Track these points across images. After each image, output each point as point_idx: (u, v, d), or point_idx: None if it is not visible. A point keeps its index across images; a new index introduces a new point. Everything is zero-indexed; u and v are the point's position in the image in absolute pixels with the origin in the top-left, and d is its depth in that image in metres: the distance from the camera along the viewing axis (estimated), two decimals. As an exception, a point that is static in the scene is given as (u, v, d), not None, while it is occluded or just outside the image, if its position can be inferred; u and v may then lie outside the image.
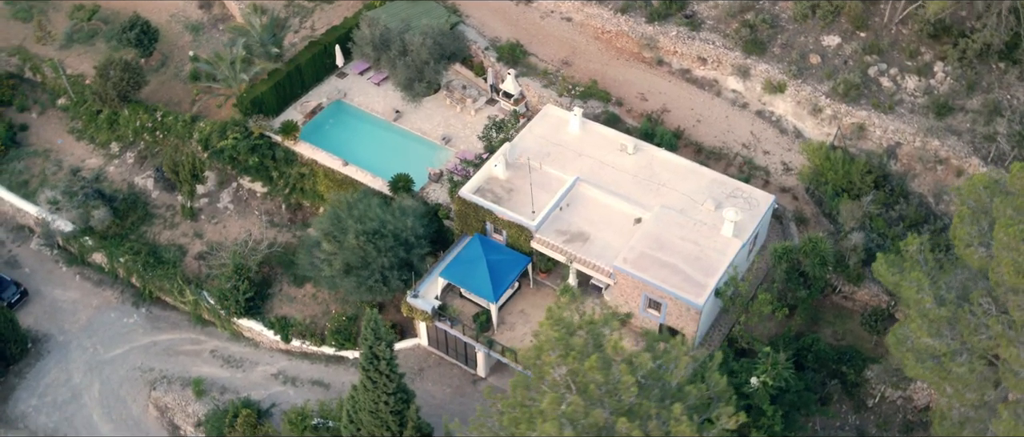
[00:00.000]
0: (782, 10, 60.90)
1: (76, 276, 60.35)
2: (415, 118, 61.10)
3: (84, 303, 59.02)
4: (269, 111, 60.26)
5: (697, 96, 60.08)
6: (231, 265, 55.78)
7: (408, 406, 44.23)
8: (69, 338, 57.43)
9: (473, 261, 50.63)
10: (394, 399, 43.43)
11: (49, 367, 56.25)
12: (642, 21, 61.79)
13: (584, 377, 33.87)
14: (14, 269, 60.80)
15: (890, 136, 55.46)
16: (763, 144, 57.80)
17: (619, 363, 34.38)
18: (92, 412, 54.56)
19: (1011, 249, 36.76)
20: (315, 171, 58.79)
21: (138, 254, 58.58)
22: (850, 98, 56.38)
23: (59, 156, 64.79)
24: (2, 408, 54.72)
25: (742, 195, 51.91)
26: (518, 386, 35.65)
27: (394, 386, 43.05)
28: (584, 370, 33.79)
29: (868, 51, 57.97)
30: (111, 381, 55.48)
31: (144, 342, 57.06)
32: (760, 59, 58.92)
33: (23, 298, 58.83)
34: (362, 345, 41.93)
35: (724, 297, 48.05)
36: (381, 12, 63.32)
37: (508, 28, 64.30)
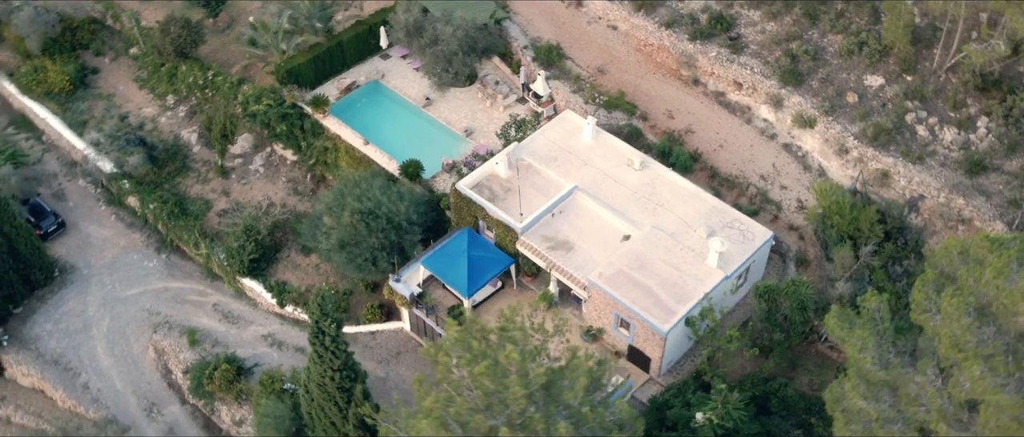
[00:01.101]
0: (830, 43, 58.66)
1: (112, 215, 63.77)
2: (444, 107, 61.81)
3: (113, 242, 62.35)
4: (305, 83, 62.09)
5: (726, 121, 58.61)
6: (242, 225, 57.92)
7: (355, 384, 45.06)
8: (92, 272, 60.80)
9: (455, 254, 51.04)
10: (340, 375, 44.32)
11: (69, 296, 59.71)
12: (685, 38, 60.62)
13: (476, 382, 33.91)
14: (59, 201, 64.72)
15: (914, 187, 52.80)
16: (783, 178, 55.94)
17: (513, 373, 34.16)
18: (97, 345, 57.67)
19: (952, 320, 34.74)
20: (338, 146, 60.30)
21: (165, 202, 61.43)
22: (879, 143, 53.94)
23: (118, 101, 68.48)
24: (20, 328, 58.42)
25: (739, 227, 50.53)
26: (419, 382, 35.91)
27: (340, 362, 43.92)
28: (475, 374, 33.80)
29: (910, 96, 55.26)
30: (120, 319, 58.49)
31: (157, 287, 59.89)
32: (795, 91, 56.96)
33: (60, 229, 62.57)
34: (310, 319, 42.98)
35: (694, 327, 46.93)
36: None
37: (552, 29, 64.18)
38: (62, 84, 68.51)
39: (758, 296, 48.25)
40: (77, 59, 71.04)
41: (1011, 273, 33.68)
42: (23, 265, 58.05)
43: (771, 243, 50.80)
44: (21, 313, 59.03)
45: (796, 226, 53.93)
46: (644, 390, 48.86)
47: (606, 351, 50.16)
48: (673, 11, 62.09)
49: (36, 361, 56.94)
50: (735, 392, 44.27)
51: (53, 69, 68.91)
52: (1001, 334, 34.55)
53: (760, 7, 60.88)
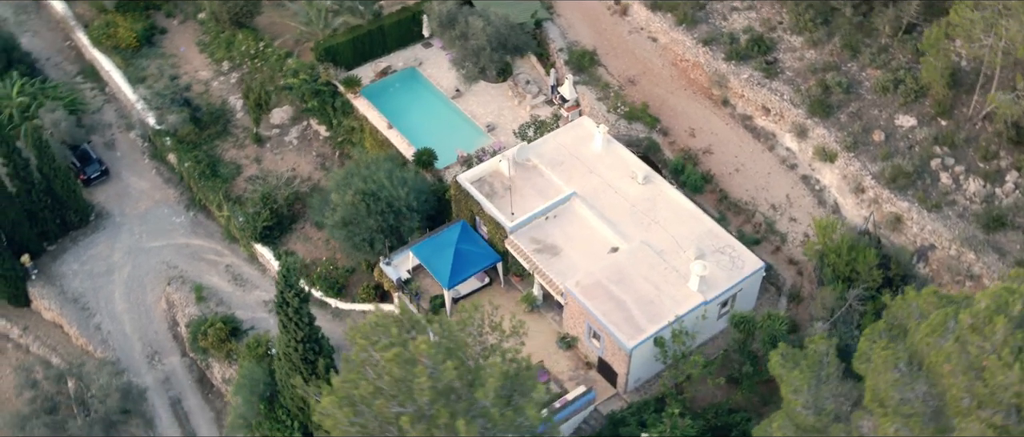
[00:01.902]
0: (868, 77, 56.67)
1: (153, 169, 66.70)
2: (472, 100, 62.38)
3: (149, 194, 65.24)
4: (343, 62, 63.59)
5: (747, 145, 57.34)
6: (260, 192, 59.85)
7: (319, 357, 46.12)
8: (125, 221, 63.79)
9: (444, 245, 51.59)
10: (303, 347, 45.43)
11: (99, 241, 62.81)
12: (720, 57, 59.51)
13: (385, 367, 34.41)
14: (109, 150, 68.07)
15: (926, 235, 50.63)
16: (794, 210, 54.41)
17: (422, 364, 34.47)
18: (115, 290, 60.53)
19: (879, 373, 33.40)
20: (364, 127, 61.60)
21: (199, 162, 63.88)
22: (896, 185, 51.88)
23: (178, 63, 71.48)
24: (50, 264, 61.79)
25: (730, 253, 49.49)
26: (346, 361, 36.59)
27: (303, 334, 45.03)
28: (384, 360, 34.31)
29: (941, 141, 52.93)
30: (141, 268, 61.23)
31: (180, 242, 62.42)
32: (821, 122, 55.28)
33: (104, 176, 65.80)
34: (276, 289, 44.27)
35: (662, 348, 46.22)
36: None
37: (592, 34, 63.93)
38: (129, 40, 71.91)
39: (734, 325, 47.22)
40: (148, 18, 74.37)
41: (944, 332, 32.17)
42: (59, 206, 61.33)
43: (762, 274, 49.56)
44: (53, 251, 62.42)
45: (797, 260, 52.44)
46: (608, 404, 48.45)
47: (581, 361, 49.97)
48: (714, 29, 61.04)
49: (58, 297, 60.15)
50: (687, 418, 43.49)
51: (123, 25, 72.40)
52: (932, 396, 33.07)
53: (803, 33, 59.24)
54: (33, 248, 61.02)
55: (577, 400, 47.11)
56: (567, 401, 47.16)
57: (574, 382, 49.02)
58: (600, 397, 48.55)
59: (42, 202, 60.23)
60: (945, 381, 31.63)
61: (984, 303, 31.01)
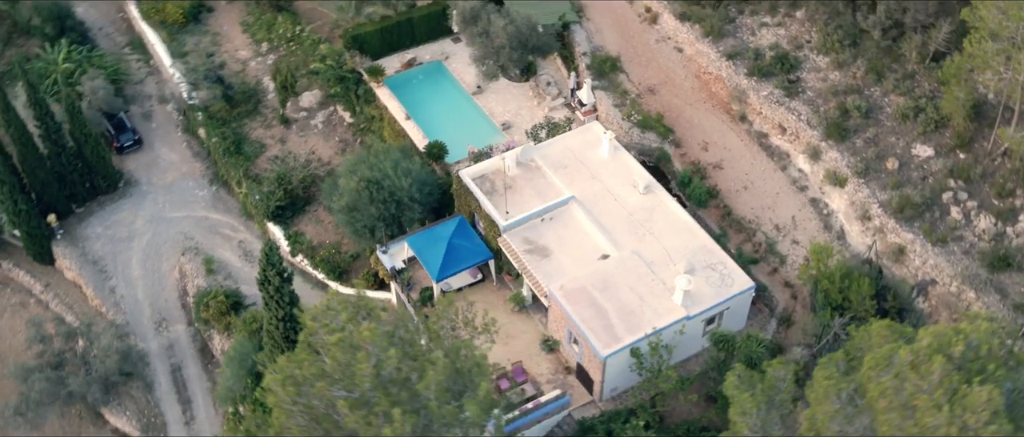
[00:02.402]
0: (890, 103, 55.28)
1: (184, 142, 68.62)
2: (492, 98, 62.70)
3: (177, 167, 67.15)
4: (371, 51, 64.51)
5: (760, 163, 56.45)
6: (276, 172, 61.13)
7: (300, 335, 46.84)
8: (151, 190, 65.79)
9: (438, 238, 51.97)
10: (284, 325, 46.31)
11: (124, 207, 64.89)
12: (742, 72, 58.68)
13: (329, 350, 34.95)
14: (146, 121, 70.27)
15: (928, 269, 49.21)
16: (798, 233, 53.39)
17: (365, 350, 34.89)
18: (133, 256, 62.48)
19: (819, 403, 32.72)
20: (384, 116, 62.41)
21: (225, 139, 65.48)
22: (903, 216, 50.55)
23: (220, 41, 73.34)
24: (76, 226, 64.06)
25: (721, 270, 48.81)
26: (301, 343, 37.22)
27: (284, 312, 45.91)
28: (329, 343, 34.85)
29: (956, 174, 51.37)
30: (160, 237, 63.09)
31: (199, 215, 64.14)
32: (835, 145, 54.14)
33: (136, 146, 67.94)
34: (259, 267, 45.26)
35: (638, 360, 45.83)
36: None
37: (619, 41, 63.64)
38: (176, 16, 74.02)
39: (713, 343, 46.64)
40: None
41: (886, 367, 31.37)
42: (89, 170, 63.56)
43: (751, 294, 48.79)
44: (81, 213, 64.69)
45: (792, 284, 51.45)
46: (583, 410, 48.25)
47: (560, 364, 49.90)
48: (741, 43, 60.22)
49: (79, 258, 62.36)
50: (653, 431, 43.10)
51: (172, 2, 74.55)
52: (871, 431, 32.28)
53: (830, 54, 58.04)
54: (60, 209, 63.32)
55: (549, 403, 47.04)
56: (540, 403, 47.14)
57: (552, 385, 48.94)
58: (576, 403, 48.36)
59: (72, 165, 62.46)
60: (880, 417, 30.83)
61: (926, 341, 30.14)
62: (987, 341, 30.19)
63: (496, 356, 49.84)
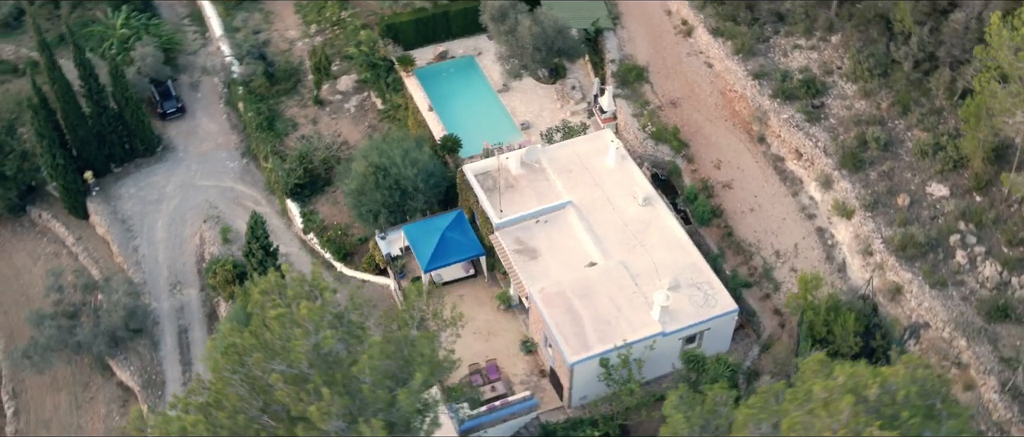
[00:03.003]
0: (912, 138, 53.56)
1: (224, 114, 70.79)
2: (516, 97, 62.99)
3: (214, 137, 69.33)
4: (405, 41, 65.53)
5: (771, 187, 55.35)
6: (298, 150, 62.61)
7: (282, 310, 47.99)
8: (186, 157, 68.11)
9: (433, 230, 52.59)
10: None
11: (159, 171, 67.34)
12: (767, 93, 57.58)
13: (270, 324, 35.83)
14: (193, 91, 72.69)
15: (922, 312, 47.59)
16: (798, 261, 52.19)
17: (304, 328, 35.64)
18: (159, 219, 64.77)
19: (739, 430, 32.15)
20: (409, 105, 63.31)
21: (260, 114, 67.32)
22: (904, 255, 48.96)
23: (272, 20, 75.39)
24: (112, 185, 66.71)
25: (706, 290, 48.18)
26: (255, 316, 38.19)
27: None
28: (269, 317, 35.74)
29: (968, 217, 49.52)
30: (186, 202, 65.26)
31: (227, 185, 66.12)
32: (848, 176, 52.72)
33: (179, 113, 70.39)
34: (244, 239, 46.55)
35: (607, 370, 45.60)
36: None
37: (649, 51, 63.14)
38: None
39: (684, 361, 46.07)
40: (259, -27, 78.81)
41: (805, 401, 30.66)
42: (128, 133, 66.20)
43: (734, 317, 48.01)
44: (118, 173, 67.37)
45: (782, 311, 50.35)
46: (552, 415, 48.21)
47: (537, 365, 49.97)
48: (770, 63, 59.11)
49: (110, 215, 64.97)
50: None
51: (233, -23, 77.00)
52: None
53: (858, 82, 56.54)
54: (98, 167, 66.04)
55: (516, 404, 47.17)
56: (508, 402, 47.32)
57: (524, 386, 49.06)
58: (546, 407, 48.37)
59: (112, 127, 65.11)
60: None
61: (841, 379, 29.35)
62: (906, 387, 29.19)
63: (476, 352, 50.49)
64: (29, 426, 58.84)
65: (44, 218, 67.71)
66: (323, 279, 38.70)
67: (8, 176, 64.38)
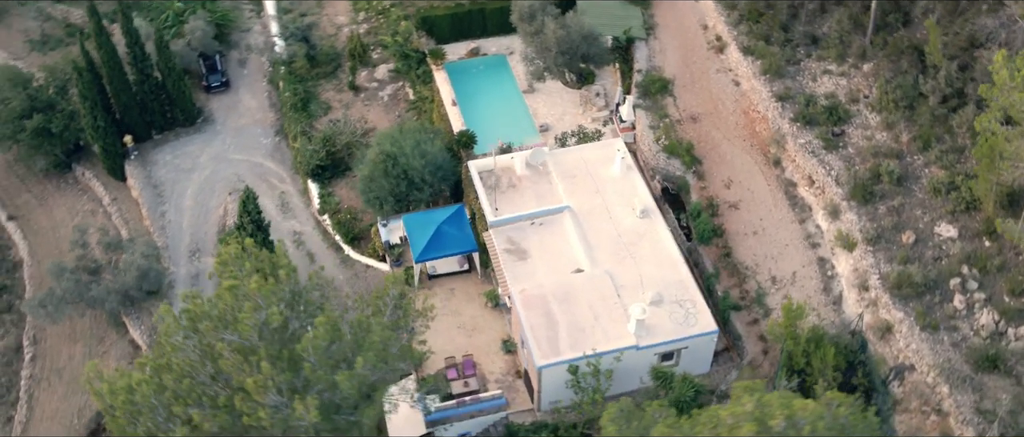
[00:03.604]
0: (929, 175, 51.86)
1: (265, 92, 72.61)
2: (540, 99, 63.16)
3: (252, 114, 71.20)
4: (439, 34, 66.34)
5: (779, 211, 54.25)
6: (323, 133, 63.94)
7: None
8: (223, 130, 70.16)
9: (431, 222, 53.21)
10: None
11: (195, 141, 69.57)
12: (788, 116, 56.43)
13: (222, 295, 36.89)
14: (240, 67, 74.75)
15: (909, 354, 46.11)
16: (794, 289, 51.07)
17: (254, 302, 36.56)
18: (189, 188, 66.87)
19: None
20: (434, 98, 64.05)
21: (296, 95, 68.96)
22: (899, 294, 47.48)
23: (324, 4, 76.98)
24: (150, 151, 69.15)
25: (688, 309, 47.62)
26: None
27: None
28: (222, 289, 36.78)
29: (973, 262, 47.76)
30: (216, 174, 67.24)
31: (256, 160, 67.91)
32: (856, 207, 51.33)
33: (223, 87, 72.54)
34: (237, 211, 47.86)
35: (574, 378, 45.46)
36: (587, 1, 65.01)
37: (678, 64, 62.49)
38: (293, -26, 78.37)
39: (653, 377, 45.61)
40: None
41: (713, 426, 30.20)
42: (170, 102, 68.62)
43: (713, 338, 47.33)
44: (157, 140, 69.80)
45: (768, 338, 49.31)
46: (522, 416, 48.27)
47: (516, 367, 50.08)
48: (797, 86, 57.90)
49: (144, 180, 67.43)
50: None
51: (292, -40, 78.87)
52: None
53: (882, 113, 54.99)
54: (138, 133, 68.55)
55: (486, 402, 47.37)
56: (479, 399, 47.57)
57: (499, 385, 49.25)
58: (518, 408, 48.45)
59: (154, 95, 67.57)
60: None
61: (748, 407, 28.81)
62: (813, 423, 28.47)
63: (457, 346, 50.95)
64: (43, 372, 61.58)
65: (86, 177, 70.60)
66: (285, 257, 39.73)
67: (54, 133, 67.33)
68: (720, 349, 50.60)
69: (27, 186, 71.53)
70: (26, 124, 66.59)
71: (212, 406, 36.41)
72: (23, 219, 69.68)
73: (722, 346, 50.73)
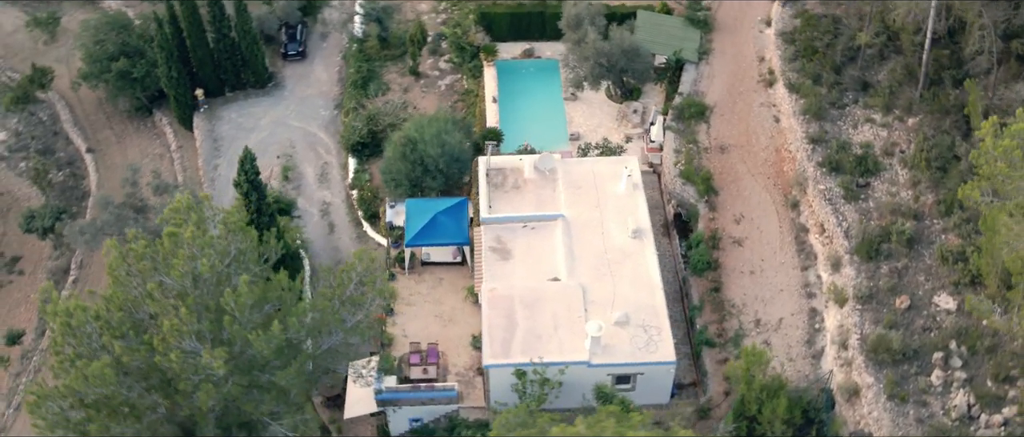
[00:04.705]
0: (944, 242, 48.94)
1: (337, 67, 74.96)
2: (580, 107, 63.07)
3: (320, 85, 73.84)
4: (497, 31, 67.09)
5: (782, 255, 52.37)
6: (367, 111, 65.80)
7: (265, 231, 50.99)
8: (289, 97, 73.09)
9: (430, 209, 54.07)
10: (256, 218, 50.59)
11: (262, 104, 72.75)
12: (816, 159, 54.32)
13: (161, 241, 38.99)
14: (322, 40, 77.68)
15: (870, 422, 43.81)
16: (776, 336, 49.28)
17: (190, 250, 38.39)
18: (245, 145, 70.13)
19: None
20: (478, 92, 64.90)
21: (359, 72, 71.18)
22: (874, 358, 45.17)
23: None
24: (219, 107, 72.62)
25: (652, 336, 46.74)
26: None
27: (253, 209, 50.26)
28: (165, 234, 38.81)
29: (962, 338, 44.90)
30: (272, 137, 70.19)
31: (311, 130, 70.47)
32: (858, 263, 49.05)
33: (299, 57, 75.50)
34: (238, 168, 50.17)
35: (520, 382, 45.43)
36: (647, 17, 64.38)
37: (722, 92, 61.09)
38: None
39: (596, 396, 45.07)
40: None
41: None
42: (243, 64, 72.12)
43: (670, 369, 46.32)
44: (227, 97, 73.41)
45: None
46: (472, 412, 48.53)
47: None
48: (835, 130, 55.64)
49: (207, 132, 71.15)
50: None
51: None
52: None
53: (913, 170, 52.24)
54: (211, 88, 72.36)
55: (437, 391, 47.91)
56: (432, 387, 48.16)
57: (460, 379, 49.61)
58: (472, 403, 48.71)
59: (228, 55, 71.18)
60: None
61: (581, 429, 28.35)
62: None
63: (429, 334, 51.92)
64: (82, 294, 65.93)
65: (162, 122, 75.01)
66: (237, 215, 41.43)
67: (136, 78, 71.94)
68: (688, 383, 49.50)
69: (110, 124, 76.66)
70: (113, 66, 71.52)
71: (136, 341, 38.48)
72: (100, 153, 74.69)
73: (690, 380, 49.57)
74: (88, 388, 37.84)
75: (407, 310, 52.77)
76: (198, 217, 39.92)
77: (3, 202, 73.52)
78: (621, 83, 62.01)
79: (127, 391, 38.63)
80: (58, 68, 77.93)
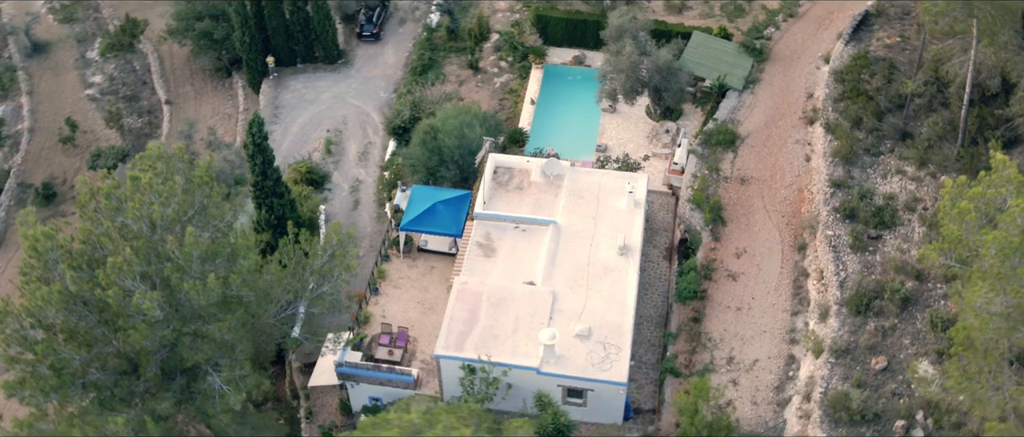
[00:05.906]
0: (938, 309, 45.96)
1: (407, 52, 76.47)
2: (616, 120, 62.38)
3: (385, 67, 75.54)
4: (551, 36, 67.08)
5: (776, 296, 50.27)
6: (413, 98, 66.90)
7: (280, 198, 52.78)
8: (355, 76, 75.10)
9: (432, 197, 54.60)
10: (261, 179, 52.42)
11: (328, 78, 75.05)
12: (833, 204, 51.95)
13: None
14: (400, 25, 79.43)
15: (812, 480, 41.68)
16: (743, 376, 47.35)
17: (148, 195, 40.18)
18: (302, 115, 72.40)
19: None
20: (519, 92, 65.00)
21: (421, 59, 72.48)
22: (831, 416, 42.96)
23: (486, -14, 79.97)
24: (287, 77, 75.25)
25: (610, 356, 45.88)
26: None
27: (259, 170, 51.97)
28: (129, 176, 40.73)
29: (931, 410, 42.13)
30: (329, 111, 72.31)
31: (366, 110, 72.16)
32: (845, 316, 46.69)
33: (373, 38, 77.48)
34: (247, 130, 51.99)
35: (468, 377, 45.46)
36: (700, 39, 63.02)
37: (759, 123, 59.07)
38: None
39: (536, 403, 44.65)
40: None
41: None
42: (315, 38, 74.62)
43: (621, 391, 45.28)
44: (297, 68, 76.13)
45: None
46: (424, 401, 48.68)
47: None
48: (862, 177, 53.09)
49: (271, 98, 73.92)
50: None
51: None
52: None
53: (930, 230, 49.27)
54: (281, 58, 75.22)
55: (396, 374, 48.42)
56: (392, 369, 48.73)
57: (424, 366, 49.93)
58: (428, 392, 48.98)
59: (301, 28, 73.76)
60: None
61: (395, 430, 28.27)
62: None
63: (406, 319, 52.60)
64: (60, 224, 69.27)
65: (236, 84, 78.51)
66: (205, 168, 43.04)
67: (216, 39, 75.59)
68: (648, 409, 48.27)
69: (192, 80, 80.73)
70: (197, 25, 75.36)
71: (88, 273, 40.60)
72: (177, 105, 78.76)
73: (651, 406, 48.35)
74: (42, 312, 40.18)
75: (392, 292, 53.51)
76: (166, 167, 41.73)
77: (86, 140, 78.37)
78: (659, 101, 60.89)
79: (77, 319, 40.78)
80: (159, 23, 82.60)
